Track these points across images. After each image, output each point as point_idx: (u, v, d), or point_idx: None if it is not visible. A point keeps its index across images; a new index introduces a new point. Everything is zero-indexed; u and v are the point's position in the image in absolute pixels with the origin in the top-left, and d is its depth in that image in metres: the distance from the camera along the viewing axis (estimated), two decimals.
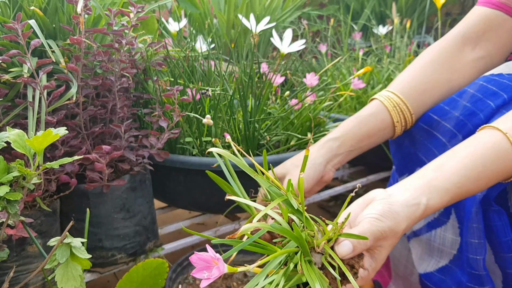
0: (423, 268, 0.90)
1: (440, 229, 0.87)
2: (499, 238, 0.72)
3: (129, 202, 0.95)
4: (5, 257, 0.66)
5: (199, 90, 1.05)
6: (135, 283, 0.74)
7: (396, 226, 0.60)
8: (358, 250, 0.57)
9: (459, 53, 0.86)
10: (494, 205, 0.71)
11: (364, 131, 0.83)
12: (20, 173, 0.62)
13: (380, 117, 0.84)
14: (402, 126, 0.85)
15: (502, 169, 0.63)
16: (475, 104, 0.77)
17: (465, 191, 0.63)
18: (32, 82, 0.79)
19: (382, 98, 0.85)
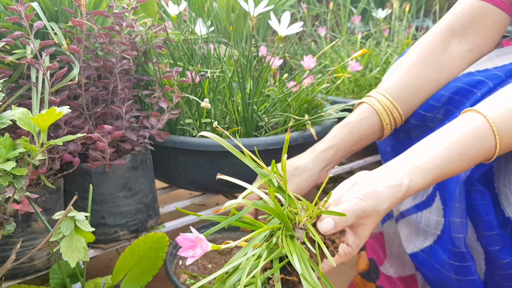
0: (410, 248, 0.93)
1: (426, 211, 0.89)
2: (481, 217, 0.75)
3: (131, 180, 0.98)
4: (12, 230, 0.69)
5: (199, 72, 1.07)
6: (136, 256, 0.77)
7: (378, 205, 0.63)
8: (339, 227, 0.60)
9: (446, 48, 0.87)
10: (476, 185, 0.74)
11: (356, 137, 0.87)
12: (26, 150, 0.65)
13: (371, 122, 0.87)
14: (392, 127, 0.88)
15: (482, 150, 0.65)
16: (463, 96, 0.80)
17: (447, 172, 0.66)
18: (36, 63, 0.81)
19: (372, 101, 0.88)
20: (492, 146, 0.66)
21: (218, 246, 0.55)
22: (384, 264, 1.14)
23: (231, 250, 1.07)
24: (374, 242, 1.23)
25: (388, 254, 1.14)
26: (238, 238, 1.11)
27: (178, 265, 1.00)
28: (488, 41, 0.87)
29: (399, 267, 1.09)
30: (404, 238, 0.96)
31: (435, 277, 0.86)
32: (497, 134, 0.65)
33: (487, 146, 0.65)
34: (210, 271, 1.00)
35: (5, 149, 0.65)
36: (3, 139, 0.65)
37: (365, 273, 1.21)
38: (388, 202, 0.64)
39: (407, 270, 1.06)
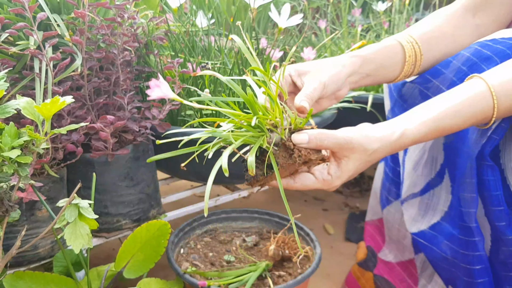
0: (416, 227, 0.95)
1: (437, 188, 0.92)
2: (490, 192, 0.77)
3: (133, 170, 0.99)
4: (17, 217, 0.71)
5: (199, 64, 1.08)
6: (139, 243, 0.79)
7: (365, 142, 0.65)
8: (312, 143, 0.62)
9: (461, 17, 0.92)
10: (488, 160, 0.75)
11: (381, 59, 0.84)
12: (30, 138, 0.66)
13: (396, 50, 0.85)
14: (412, 64, 0.87)
15: (480, 110, 0.68)
16: (471, 68, 0.81)
17: (442, 126, 0.68)
18: (39, 54, 0.83)
19: (395, 36, 0.88)
20: (490, 107, 0.68)
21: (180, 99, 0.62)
22: (383, 250, 1.16)
23: (231, 240, 1.08)
24: (373, 229, 1.24)
25: (387, 239, 1.15)
26: (239, 228, 1.13)
27: (179, 253, 1.02)
28: (495, 21, 0.92)
29: (398, 252, 1.10)
30: (410, 218, 0.98)
31: (443, 253, 0.88)
32: (495, 96, 0.68)
33: (485, 106, 0.68)
34: (211, 259, 1.01)
35: (10, 137, 0.66)
36: (8, 128, 0.66)
37: (362, 262, 1.22)
38: (378, 143, 0.66)
39: (406, 254, 1.08)
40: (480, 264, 0.81)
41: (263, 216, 1.13)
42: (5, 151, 0.65)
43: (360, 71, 0.82)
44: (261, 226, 1.13)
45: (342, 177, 0.67)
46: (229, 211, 1.13)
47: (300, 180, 0.66)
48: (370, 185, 1.75)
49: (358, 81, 0.84)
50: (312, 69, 0.78)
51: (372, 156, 0.67)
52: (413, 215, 0.97)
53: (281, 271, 0.96)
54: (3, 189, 0.69)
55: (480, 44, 0.83)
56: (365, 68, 0.83)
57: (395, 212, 1.08)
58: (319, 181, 0.66)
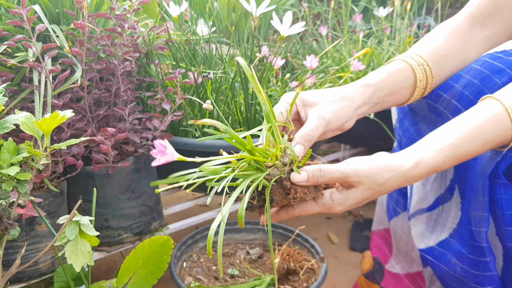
0: (424, 243, 0.93)
1: (446, 204, 0.89)
2: (503, 211, 0.74)
3: (134, 183, 0.97)
4: (16, 235, 0.69)
5: (201, 73, 1.07)
6: (141, 259, 0.77)
7: (374, 173, 0.62)
8: (311, 181, 0.61)
9: (470, 30, 0.89)
10: (502, 179, 0.72)
11: (391, 86, 0.81)
12: (30, 154, 0.64)
13: (406, 74, 0.82)
14: (423, 88, 0.84)
15: (498, 132, 0.65)
16: (483, 81, 0.79)
17: (460, 152, 0.65)
18: (38, 66, 0.81)
19: (405, 58, 0.84)
20: (508, 129, 0.66)
21: (184, 158, 0.61)
22: (390, 262, 1.14)
23: (235, 252, 1.07)
24: (380, 240, 1.22)
25: (395, 251, 1.13)
26: (242, 240, 1.11)
27: (182, 267, 1.00)
28: (506, 30, 0.88)
29: (406, 264, 1.08)
30: (418, 234, 0.95)
31: (451, 271, 0.85)
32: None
33: (503, 129, 0.65)
34: (214, 272, 1.00)
35: (9, 153, 0.65)
36: (7, 144, 0.64)
37: (368, 274, 1.20)
38: (390, 173, 0.63)
39: (415, 267, 1.06)
40: (491, 285, 0.78)
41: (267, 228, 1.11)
42: (4, 168, 0.64)
43: (369, 101, 0.79)
44: (265, 237, 1.11)
45: (344, 204, 0.64)
46: (232, 223, 1.11)
47: (299, 206, 0.65)
48: None
49: (366, 111, 0.81)
50: (318, 101, 0.75)
51: (383, 186, 0.64)
52: (421, 230, 0.94)
53: (286, 285, 0.94)
54: (2, 206, 0.67)
55: (490, 56, 0.81)
56: (374, 97, 0.80)
57: (403, 224, 1.05)
58: (318, 205, 0.65)
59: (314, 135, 0.70)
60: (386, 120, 1.24)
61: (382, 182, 0.63)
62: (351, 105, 0.76)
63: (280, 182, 0.62)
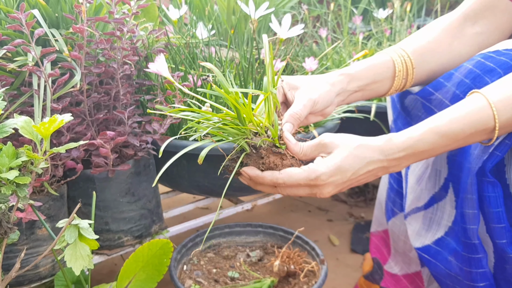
0: (420, 242, 0.93)
1: (441, 203, 0.90)
2: (490, 209, 0.75)
3: (134, 186, 0.97)
4: (16, 238, 0.69)
5: (200, 76, 1.07)
6: (141, 262, 0.77)
7: (348, 139, 0.67)
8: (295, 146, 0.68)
9: (460, 25, 0.90)
10: (489, 177, 0.73)
11: (371, 75, 0.84)
12: (29, 158, 0.65)
13: (386, 65, 0.85)
14: (403, 78, 0.86)
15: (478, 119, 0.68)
16: (474, 80, 0.79)
17: (438, 132, 0.67)
18: (37, 70, 0.81)
19: (387, 50, 0.88)
20: (490, 117, 0.67)
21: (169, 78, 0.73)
22: (389, 263, 1.14)
23: (235, 255, 1.07)
24: (378, 241, 1.22)
25: (393, 251, 1.13)
26: (243, 242, 1.11)
27: (183, 270, 1.00)
28: (497, 28, 0.90)
29: (404, 265, 1.08)
30: (414, 232, 0.96)
31: (447, 269, 0.86)
32: (495, 111, 0.67)
33: (484, 116, 0.67)
34: (215, 275, 1.00)
35: (8, 157, 0.65)
36: (6, 148, 0.65)
37: (368, 275, 1.20)
38: (365, 140, 0.67)
39: (413, 267, 1.06)
40: (483, 281, 0.79)
41: (267, 230, 1.11)
42: (3, 172, 0.64)
43: (348, 88, 0.83)
44: (265, 240, 1.11)
45: (328, 165, 0.66)
46: (232, 225, 1.11)
47: (286, 172, 0.67)
48: (375, 194, 1.73)
49: (346, 99, 0.84)
50: (303, 85, 0.79)
51: (358, 149, 0.66)
52: (417, 229, 0.95)
53: None
54: (2, 210, 0.67)
55: (483, 55, 0.82)
56: (353, 84, 0.83)
57: (401, 224, 1.06)
58: (304, 170, 0.66)
59: (302, 114, 0.73)
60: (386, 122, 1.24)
61: (357, 145, 0.66)
62: (333, 90, 0.80)
63: (258, 151, 0.67)
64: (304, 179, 0.66)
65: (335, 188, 0.68)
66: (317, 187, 0.67)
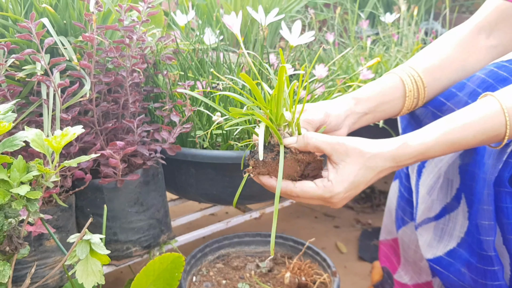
0: (432, 253, 0.92)
1: (453, 213, 0.89)
2: (509, 220, 0.74)
3: (143, 196, 0.96)
4: (26, 254, 0.68)
5: (209, 83, 1.06)
6: (152, 276, 0.76)
7: (362, 146, 0.65)
8: (300, 142, 0.65)
9: (474, 39, 0.88)
10: (507, 187, 0.72)
11: (380, 97, 0.83)
12: (40, 172, 0.63)
13: (396, 86, 0.84)
14: (414, 98, 0.85)
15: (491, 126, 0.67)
16: (486, 90, 0.78)
17: (450, 139, 0.66)
18: (47, 80, 0.80)
19: (397, 70, 0.86)
20: (501, 124, 0.67)
21: None
22: (398, 272, 1.13)
23: (245, 265, 1.05)
24: (388, 250, 1.21)
25: (403, 261, 1.12)
26: (252, 252, 1.10)
27: (192, 282, 0.98)
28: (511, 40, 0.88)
29: (415, 274, 1.07)
30: (425, 244, 0.95)
31: (460, 281, 0.85)
32: (507, 116, 0.66)
33: (496, 123, 0.67)
34: (224, 287, 0.98)
35: (19, 172, 0.63)
36: (17, 162, 0.63)
37: (378, 285, 1.19)
38: (377, 149, 0.65)
39: (423, 277, 1.05)
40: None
41: (277, 240, 1.10)
42: (14, 186, 0.62)
43: (356, 110, 0.82)
44: (275, 250, 1.10)
45: (343, 182, 0.65)
46: (241, 235, 1.10)
47: (300, 185, 0.65)
48: (382, 200, 1.71)
49: (356, 121, 0.83)
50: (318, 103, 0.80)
51: (372, 161, 0.65)
52: (428, 240, 0.93)
53: None
54: (12, 225, 0.66)
55: (496, 65, 0.81)
56: (361, 106, 0.82)
57: (411, 233, 1.04)
58: (319, 187, 0.65)
59: (315, 119, 0.74)
60: (396, 129, 1.23)
61: (370, 156, 0.65)
62: (342, 108, 0.80)
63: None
64: (318, 196, 0.66)
65: (348, 199, 0.68)
66: (332, 203, 0.67)
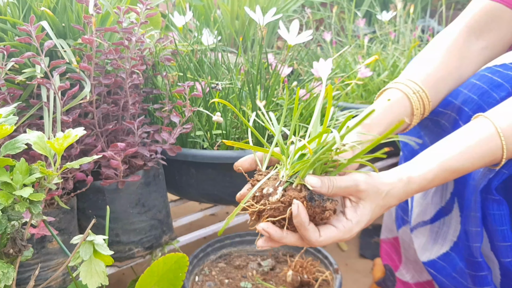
0: (426, 256, 0.93)
1: (447, 217, 0.89)
2: (495, 227, 0.74)
3: (144, 197, 0.96)
4: (30, 256, 0.68)
5: (209, 84, 1.06)
6: (156, 277, 0.76)
7: (377, 184, 0.64)
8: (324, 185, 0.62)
9: (466, 42, 0.88)
10: (494, 194, 0.73)
11: (389, 119, 0.81)
12: (42, 174, 0.64)
13: (403, 104, 0.82)
14: (421, 114, 0.84)
15: (488, 151, 0.67)
16: (482, 96, 0.79)
17: (449, 169, 0.67)
18: (47, 82, 0.80)
19: (400, 86, 0.83)
20: (498, 148, 0.67)
21: None
22: (400, 270, 1.13)
23: (247, 264, 1.06)
24: (389, 248, 1.21)
25: (404, 259, 1.12)
26: (254, 251, 1.10)
27: (194, 281, 0.99)
28: (502, 40, 0.88)
29: (416, 273, 1.08)
30: (420, 246, 0.95)
31: (452, 285, 0.85)
32: (503, 139, 0.66)
33: (493, 148, 0.67)
34: (227, 286, 0.99)
35: (22, 174, 0.64)
36: (19, 164, 0.63)
37: (380, 281, 1.19)
38: (389, 186, 0.65)
39: (424, 275, 1.05)
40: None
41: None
42: (17, 189, 0.63)
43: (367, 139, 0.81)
44: (276, 249, 1.10)
45: (361, 222, 0.64)
46: (243, 234, 1.10)
47: (325, 233, 0.63)
48: None
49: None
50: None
51: (386, 199, 0.65)
52: (423, 243, 0.94)
53: None
54: (15, 228, 0.66)
55: (489, 70, 0.80)
56: (374, 132, 0.79)
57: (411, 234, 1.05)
58: (340, 230, 0.64)
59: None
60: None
61: (385, 194, 0.65)
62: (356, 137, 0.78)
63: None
64: (337, 238, 0.65)
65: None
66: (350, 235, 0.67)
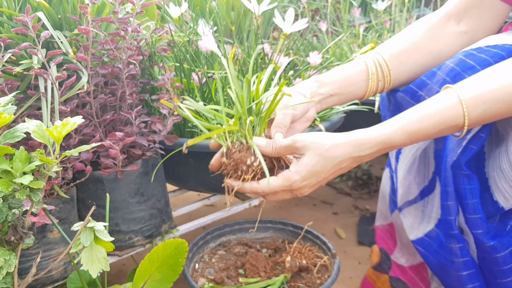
0: (414, 235, 0.95)
1: (431, 196, 0.92)
2: (466, 200, 0.77)
3: (143, 186, 0.97)
4: (31, 243, 0.69)
5: (205, 73, 1.07)
6: (156, 263, 0.77)
7: (319, 138, 0.69)
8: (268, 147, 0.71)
9: (443, 25, 0.90)
10: (464, 169, 0.76)
11: (343, 80, 0.86)
12: (42, 162, 0.64)
13: (360, 69, 0.87)
14: (378, 81, 0.88)
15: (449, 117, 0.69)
16: (454, 79, 0.81)
17: (409, 128, 0.70)
18: (44, 73, 0.81)
19: (364, 55, 0.89)
20: (460, 114, 0.69)
21: None
22: (395, 254, 1.15)
23: (245, 252, 1.07)
24: (384, 233, 1.23)
25: (399, 244, 1.14)
26: (253, 239, 1.11)
27: (194, 269, 1.00)
28: (482, 26, 0.89)
29: (410, 256, 1.09)
30: (408, 226, 0.98)
31: (437, 260, 0.88)
32: (465, 106, 0.68)
33: (454, 113, 0.69)
34: (227, 272, 1.00)
35: (21, 162, 0.64)
36: (19, 153, 0.64)
37: (376, 266, 1.21)
38: (336, 140, 0.69)
39: (418, 258, 1.07)
40: (467, 270, 0.82)
41: (276, 226, 1.11)
42: (17, 177, 0.64)
43: (319, 91, 0.85)
44: (275, 236, 1.11)
45: (300, 171, 0.69)
46: (242, 222, 1.11)
47: (263, 182, 0.70)
48: (379, 186, 1.73)
49: (322, 102, 0.86)
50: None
51: (330, 152, 0.68)
52: (411, 222, 0.97)
53: (299, 283, 0.94)
54: (16, 215, 0.67)
55: (464, 53, 0.83)
56: (324, 88, 0.86)
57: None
58: (279, 178, 0.70)
59: (285, 121, 0.78)
60: None
61: (329, 146, 0.69)
62: (307, 92, 0.83)
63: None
64: (280, 186, 0.70)
65: (312, 187, 0.73)
66: (295, 190, 0.72)
